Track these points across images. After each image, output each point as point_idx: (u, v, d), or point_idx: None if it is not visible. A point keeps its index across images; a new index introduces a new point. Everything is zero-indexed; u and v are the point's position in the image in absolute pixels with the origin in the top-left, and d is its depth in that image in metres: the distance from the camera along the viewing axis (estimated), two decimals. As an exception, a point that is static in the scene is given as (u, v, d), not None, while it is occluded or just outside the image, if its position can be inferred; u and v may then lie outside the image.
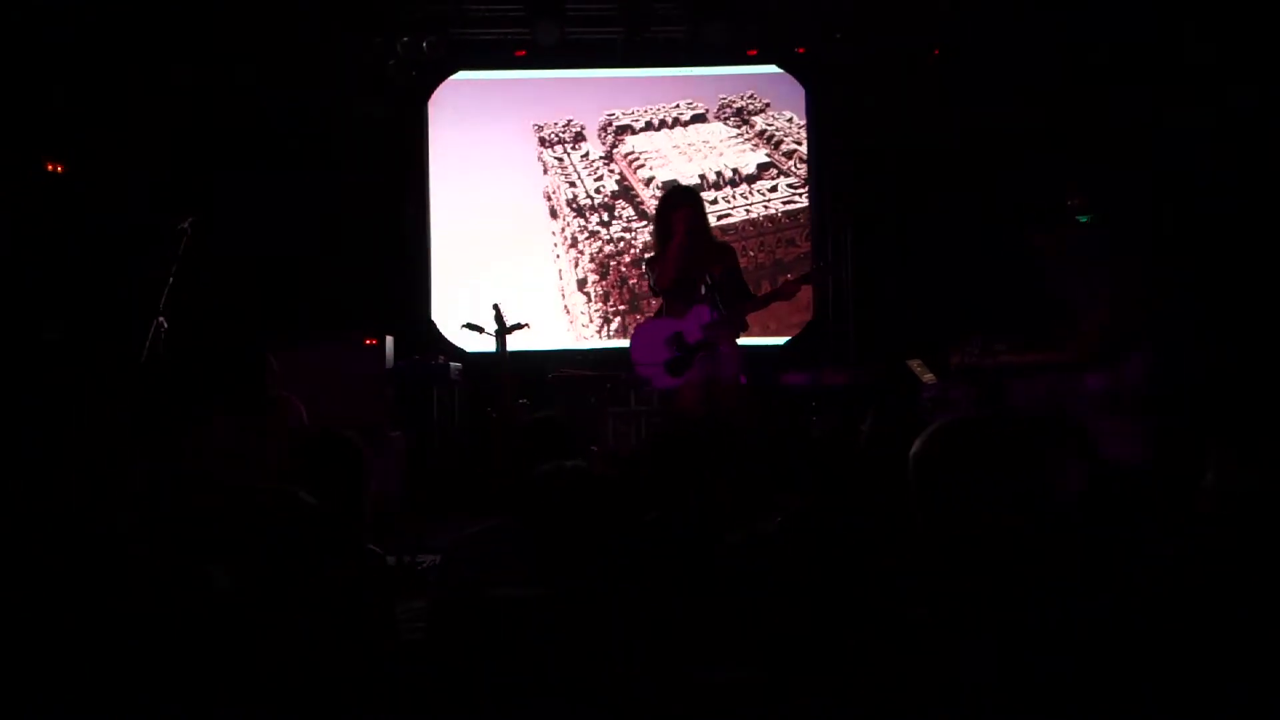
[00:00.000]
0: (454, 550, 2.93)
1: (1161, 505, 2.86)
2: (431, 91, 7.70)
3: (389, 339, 6.48)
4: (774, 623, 1.82)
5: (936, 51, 7.25)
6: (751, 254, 8.62)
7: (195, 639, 1.60)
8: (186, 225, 5.62)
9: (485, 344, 6.29)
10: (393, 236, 7.59)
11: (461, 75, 7.78)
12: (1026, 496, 1.99)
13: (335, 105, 7.24)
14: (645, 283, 5.90)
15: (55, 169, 6.77)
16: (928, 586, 2.04)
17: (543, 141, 8.73)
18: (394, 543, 5.19)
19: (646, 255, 6.37)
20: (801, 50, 7.64)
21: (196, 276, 5.70)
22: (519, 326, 6.61)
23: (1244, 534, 1.93)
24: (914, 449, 2.13)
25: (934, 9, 7.09)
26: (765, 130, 8.88)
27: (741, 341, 5.42)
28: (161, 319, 5.43)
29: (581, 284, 8.68)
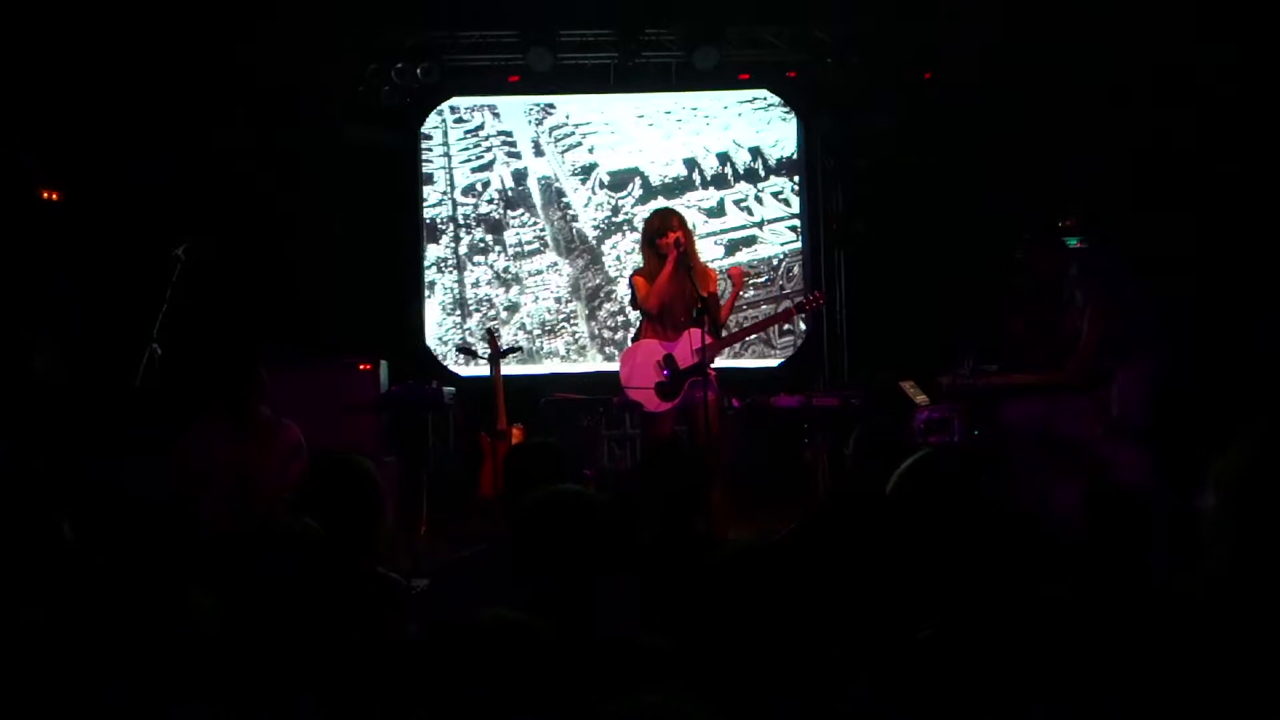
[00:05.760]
0: (444, 574, 2.92)
1: (1165, 528, 2.85)
2: (425, 117, 7.72)
3: (383, 363, 6.48)
4: (764, 646, 1.81)
5: (929, 75, 7.29)
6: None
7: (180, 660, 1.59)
8: (180, 252, 5.62)
9: (479, 368, 6.28)
10: (387, 261, 7.62)
11: (455, 101, 7.80)
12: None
13: (330, 130, 7.27)
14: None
15: (50, 197, 6.77)
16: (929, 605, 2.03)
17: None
18: (386, 567, 5.16)
19: (634, 270, 5.69)
20: (793, 75, 7.65)
21: (191, 303, 5.69)
22: (513, 350, 6.62)
23: (1244, 556, 1.92)
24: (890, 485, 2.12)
25: (927, 33, 7.13)
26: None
27: (734, 364, 5.37)
28: (155, 345, 5.42)
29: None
